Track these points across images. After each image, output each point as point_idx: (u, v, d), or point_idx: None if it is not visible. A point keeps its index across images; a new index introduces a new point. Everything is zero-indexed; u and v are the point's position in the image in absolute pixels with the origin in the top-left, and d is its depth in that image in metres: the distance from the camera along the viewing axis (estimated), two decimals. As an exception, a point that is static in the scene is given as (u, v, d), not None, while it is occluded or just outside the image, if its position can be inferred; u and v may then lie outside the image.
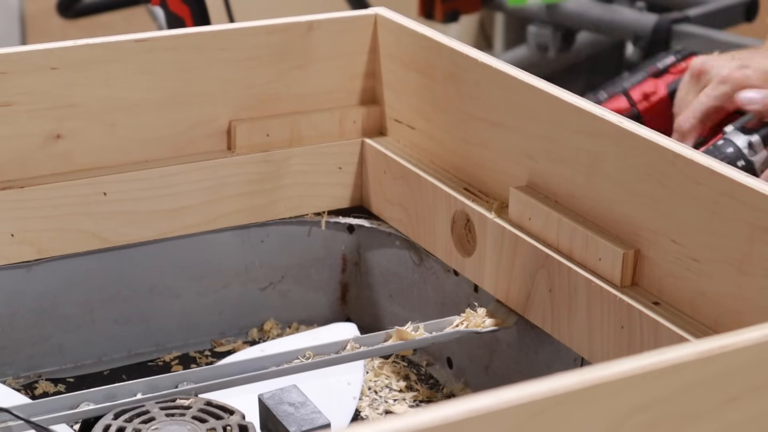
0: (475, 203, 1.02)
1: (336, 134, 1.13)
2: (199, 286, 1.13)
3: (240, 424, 0.86)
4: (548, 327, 0.96)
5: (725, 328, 0.83)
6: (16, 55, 1.01)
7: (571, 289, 0.92)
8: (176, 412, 0.87)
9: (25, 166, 1.03)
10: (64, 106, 1.03)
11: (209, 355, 1.13)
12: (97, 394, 0.89)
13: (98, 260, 1.08)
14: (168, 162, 1.08)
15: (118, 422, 0.86)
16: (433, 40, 1.08)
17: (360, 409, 1.03)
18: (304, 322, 1.17)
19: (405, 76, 1.11)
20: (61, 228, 1.04)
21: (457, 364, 1.09)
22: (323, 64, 1.13)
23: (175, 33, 1.09)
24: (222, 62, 1.09)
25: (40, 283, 1.06)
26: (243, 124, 1.10)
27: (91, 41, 1.04)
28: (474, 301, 1.03)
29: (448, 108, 1.06)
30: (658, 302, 0.87)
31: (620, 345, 0.88)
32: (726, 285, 0.83)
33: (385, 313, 1.17)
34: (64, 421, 0.88)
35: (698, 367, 0.58)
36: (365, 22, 1.14)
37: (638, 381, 0.57)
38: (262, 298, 1.16)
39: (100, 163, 1.06)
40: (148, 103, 1.07)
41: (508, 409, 0.54)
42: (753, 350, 0.59)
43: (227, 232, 1.12)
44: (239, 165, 1.10)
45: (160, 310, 1.12)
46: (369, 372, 1.08)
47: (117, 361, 1.11)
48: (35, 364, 1.08)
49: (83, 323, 1.09)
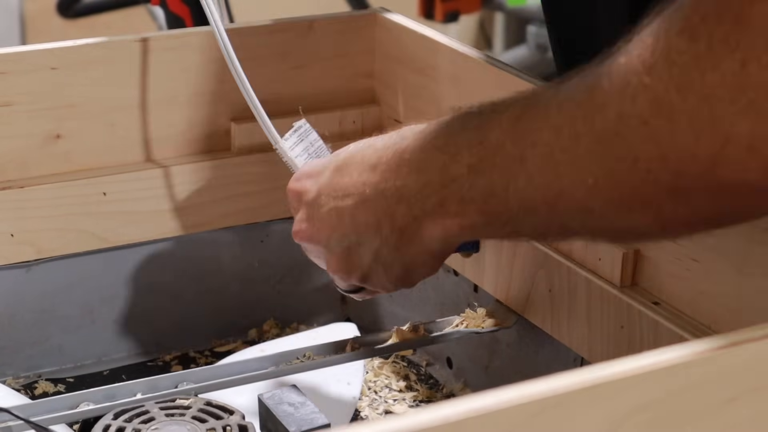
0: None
1: (336, 134, 1.13)
2: (199, 286, 1.13)
3: (240, 424, 0.86)
4: (548, 327, 0.96)
5: (725, 328, 0.83)
6: (16, 55, 1.01)
7: (571, 289, 0.92)
8: (176, 412, 0.87)
9: (25, 166, 1.03)
10: (64, 106, 1.03)
11: (209, 355, 1.13)
12: (96, 394, 0.89)
13: (98, 260, 1.08)
14: (168, 162, 1.08)
15: (117, 422, 0.86)
16: (433, 40, 1.08)
17: (360, 409, 1.03)
18: (304, 322, 1.17)
19: (405, 76, 1.11)
20: (61, 228, 1.04)
21: (457, 364, 1.09)
22: (323, 64, 1.13)
23: (175, 33, 1.09)
24: (222, 62, 1.08)
25: (40, 283, 1.06)
26: (243, 124, 1.10)
27: (91, 41, 1.04)
28: (474, 301, 1.03)
29: (448, 108, 1.06)
30: (658, 302, 0.87)
31: (620, 345, 0.88)
32: (726, 285, 0.83)
33: (385, 313, 1.17)
34: (64, 421, 0.88)
35: (698, 367, 0.58)
36: (365, 22, 1.14)
37: (638, 381, 0.57)
38: (261, 298, 1.16)
39: (100, 163, 1.06)
40: (148, 103, 1.07)
41: (508, 409, 0.54)
42: (753, 350, 0.59)
43: (227, 232, 1.12)
44: (239, 165, 1.10)
45: (160, 310, 1.12)
46: (369, 372, 1.08)
47: (117, 361, 1.11)
48: (35, 364, 1.08)
49: (83, 323, 1.09)
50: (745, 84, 0.57)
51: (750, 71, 0.57)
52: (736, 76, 0.57)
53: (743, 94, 0.58)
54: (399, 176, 0.77)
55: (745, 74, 0.57)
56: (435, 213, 0.75)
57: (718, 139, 0.59)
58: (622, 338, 0.88)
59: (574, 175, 0.65)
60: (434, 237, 0.77)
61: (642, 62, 0.61)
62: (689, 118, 0.60)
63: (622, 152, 0.63)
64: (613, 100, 0.63)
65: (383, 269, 0.82)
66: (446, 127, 0.75)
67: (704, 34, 0.59)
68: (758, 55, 0.57)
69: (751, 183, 0.59)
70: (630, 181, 0.63)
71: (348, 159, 0.83)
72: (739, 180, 0.60)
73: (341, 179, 0.82)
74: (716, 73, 0.58)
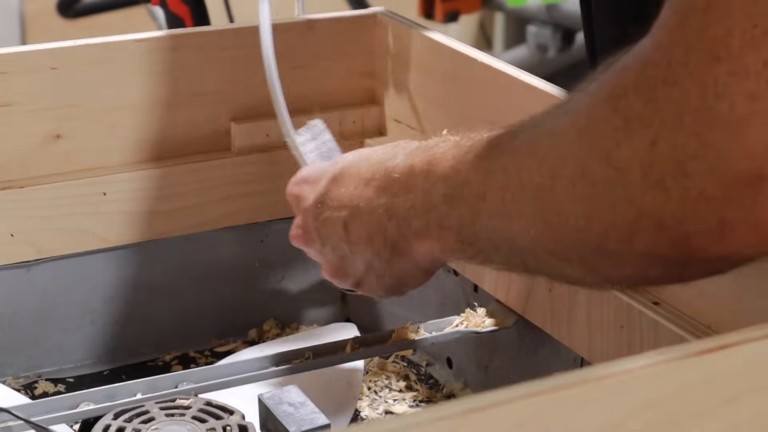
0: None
1: (336, 134, 1.13)
2: (199, 286, 1.13)
3: (240, 424, 0.86)
4: (548, 327, 0.96)
5: (725, 328, 0.83)
6: (16, 55, 1.01)
7: (571, 289, 0.92)
8: (176, 412, 0.87)
9: (25, 166, 1.03)
10: (64, 106, 1.03)
11: (209, 355, 1.13)
12: (97, 394, 0.89)
13: (98, 260, 1.08)
14: (168, 162, 1.08)
15: (117, 422, 0.86)
16: (433, 40, 1.08)
17: (360, 409, 1.03)
18: (304, 322, 1.17)
19: (405, 76, 1.11)
20: (61, 228, 1.04)
21: (456, 364, 1.09)
22: (323, 64, 1.13)
23: (175, 33, 1.09)
24: (222, 62, 1.09)
25: (40, 283, 1.06)
26: (243, 124, 1.10)
27: (91, 41, 1.04)
28: (474, 301, 1.03)
29: (448, 108, 1.06)
30: (658, 302, 0.87)
31: (620, 345, 0.88)
32: (726, 285, 0.83)
33: (385, 313, 1.17)
34: (64, 421, 0.88)
35: (698, 367, 0.58)
36: (365, 22, 1.14)
37: (638, 381, 0.57)
38: (261, 298, 1.16)
39: (100, 163, 1.06)
40: (148, 103, 1.07)
41: (508, 409, 0.54)
42: (753, 350, 0.59)
43: (227, 232, 1.12)
44: (239, 165, 1.10)
45: (160, 310, 1.12)
46: (369, 372, 1.08)
47: (117, 361, 1.11)
48: (35, 364, 1.08)
49: (83, 323, 1.09)
50: (655, 162, 0.58)
51: (660, 150, 0.58)
52: (646, 153, 0.58)
53: (653, 171, 0.58)
54: (389, 194, 0.80)
55: (656, 152, 0.58)
56: (421, 234, 0.78)
57: (632, 212, 0.60)
58: (622, 338, 0.88)
59: (521, 224, 0.68)
60: (422, 254, 0.80)
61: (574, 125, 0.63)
62: (608, 189, 0.61)
63: (556, 209, 0.65)
64: (550, 158, 0.64)
65: (375, 279, 0.85)
66: (431, 152, 0.78)
67: (623, 107, 0.59)
68: (668, 136, 0.57)
69: (665, 257, 0.60)
70: (564, 236, 0.65)
71: (345, 170, 0.85)
72: (653, 254, 0.61)
73: (337, 190, 0.85)
74: (629, 148, 0.59)
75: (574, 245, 0.65)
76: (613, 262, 0.63)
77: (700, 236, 0.59)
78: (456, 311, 1.02)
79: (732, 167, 0.56)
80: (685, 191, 0.57)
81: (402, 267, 0.82)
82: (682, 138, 0.57)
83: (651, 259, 0.61)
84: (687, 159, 0.57)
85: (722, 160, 0.56)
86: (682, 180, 0.57)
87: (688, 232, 0.59)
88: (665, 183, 0.58)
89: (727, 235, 0.58)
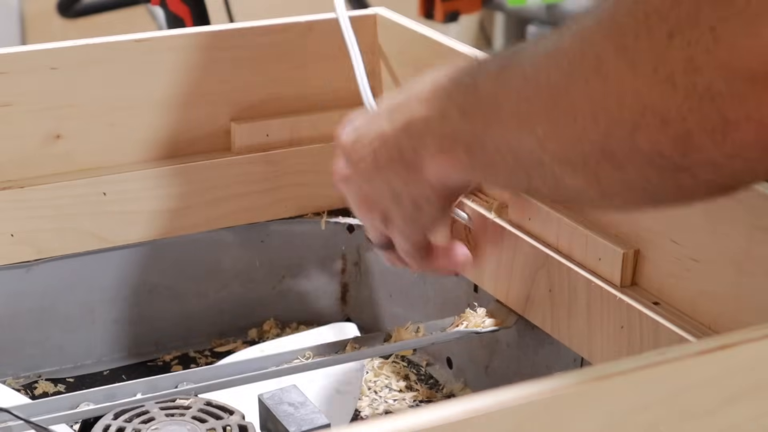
0: (474, 203, 1.02)
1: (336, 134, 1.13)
2: (199, 286, 1.13)
3: (240, 424, 0.86)
4: (548, 327, 0.96)
5: (725, 328, 0.83)
6: (16, 55, 1.01)
7: (571, 289, 0.92)
8: (176, 412, 0.87)
9: (25, 166, 1.03)
10: (64, 106, 1.03)
11: (209, 355, 1.13)
12: (97, 394, 0.89)
13: (98, 260, 1.08)
14: (168, 162, 1.08)
15: (117, 422, 0.86)
16: (433, 40, 1.08)
17: (360, 409, 1.03)
18: (304, 322, 1.17)
19: (405, 76, 1.11)
20: (61, 228, 1.04)
21: (457, 364, 1.09)
22: (323, 64, 1.13)
23: (175, 33, 1.09)
24: (222, 62, 1.09)
25: (40, 283, 1.06)
26: (243, 124, 1.10)
27: (91, 41, 1.04)
28: (474, 301, 1.03)
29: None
30: (658, 302, 0.87)
31: (620, 345, 0.88)
32: (726, 285, 0.83)
33: (385, 313, 1.17)
34: (64, 421, 0.88)
35: (698, 367, 0.58)
36: (365, 22, 1.14)
37: (638, 381, 0.57)
38: (261, 298, 1.16)
39: (100, 163, 1.06)
40: (148, 103, 1.07)
41: (508, 409, 0.54)
42: (753, 350, 0.59)
43: (227, 232, 1.12)
44: (239, 165, 1.10)
45: (160, 310, 1.12)
46: (369, 372, 1.08)
47: (117, 361, 1.11)
48: (35, 364, 1.08)
49: (83, 323, 1.09)
50: (668, 56, 0.58)
51: (675, 43, 0.58)
52: (663, 46, 0.58)
53: (664, 65, 0.58)
54: (409, 110, 0.80)
55: (671, 45, 0.58)
56: (432, 147, 0.78)
57: (637, 106, 0.60)
58: (622, 338, 0.88)
59: (530, 125, 0.67)
60: (432, 172, 0.79)
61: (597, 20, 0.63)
62: (618, 83, 0.61)
63: (566, 107, 0.64)
64: (570, 52, 0.64)
65: (396, 206, 0.85)
66: (458, 71, 0.78)
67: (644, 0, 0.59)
68: (683, 28, 0.57)
69: (666, 156, 0.60)
70: (569, 136, 0.65)
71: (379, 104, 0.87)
72: (654, 151, 0.60)
73: (370, 125, 0.85)
74: (647, 40, 0.59)
75: (577, 146, 0.64)
76: (615, 164, 0.63)
77: (702, 134, 0.58)
78: (456, 311, 1.02)
79: (741, 63, 0.56)
80: (692, 86, 0.57)
81: (417, 187, 0.82)
82: (696, 32, 0.57)
83: (652, 158, 0.61)
84: (698, 53, 0.57)
85: (732, 54, 0.56)
86: (691, 75, 0.57)
87: (690, 129, 0.58)
88: (674, 78, 0.58)
89: (729, 135, 0.58)
